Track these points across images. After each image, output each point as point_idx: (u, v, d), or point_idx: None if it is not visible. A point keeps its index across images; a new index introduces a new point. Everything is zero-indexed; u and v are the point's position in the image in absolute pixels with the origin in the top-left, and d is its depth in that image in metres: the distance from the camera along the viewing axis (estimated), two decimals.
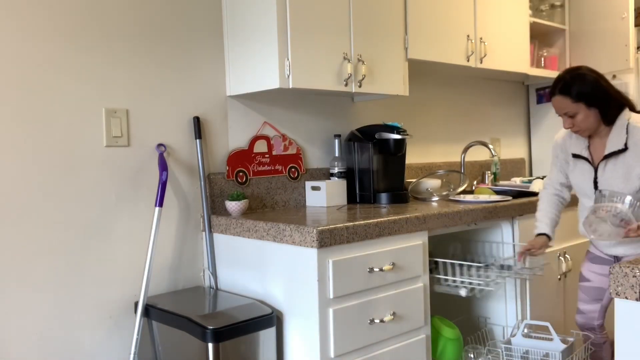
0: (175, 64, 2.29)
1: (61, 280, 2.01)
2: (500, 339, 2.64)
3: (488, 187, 3.02)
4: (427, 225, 2.20)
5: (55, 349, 2.01)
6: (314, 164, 2.74)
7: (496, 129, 3.73)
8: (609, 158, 2.10)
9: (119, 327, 2.14)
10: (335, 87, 2.36)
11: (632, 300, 1.08)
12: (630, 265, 1.08)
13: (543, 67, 3.57)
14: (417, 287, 2.16)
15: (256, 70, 2.28)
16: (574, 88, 2.05)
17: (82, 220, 2.06)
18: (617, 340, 1.12)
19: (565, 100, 2.07)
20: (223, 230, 2.26)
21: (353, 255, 1.96)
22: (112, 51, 2.13)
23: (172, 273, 2.28)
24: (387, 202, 2.60)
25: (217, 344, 1.82)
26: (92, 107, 2.09)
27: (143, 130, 2.21)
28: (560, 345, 2.26)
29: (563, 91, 2.07)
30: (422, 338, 2.18)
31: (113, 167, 2.13)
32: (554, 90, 2.10)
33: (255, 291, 2.14)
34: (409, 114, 3.19)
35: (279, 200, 2.57)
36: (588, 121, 2.07)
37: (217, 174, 2.38)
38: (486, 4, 3.01)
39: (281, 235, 1.99)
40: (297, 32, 2.22)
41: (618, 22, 3.38)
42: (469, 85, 3.54)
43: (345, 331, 1.93)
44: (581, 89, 2.04)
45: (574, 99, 2.05)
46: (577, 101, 2.05)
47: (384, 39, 2.53)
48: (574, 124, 2.10)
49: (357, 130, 2.69)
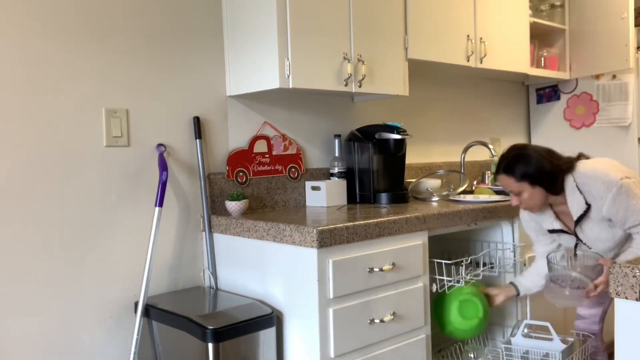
0: (176, 64, 2.29)
1: (61, 280, 2.01)
2: (500, 339, 2.64)
3: (488, 187, 3.02)
4: (427, 225, 2.20)
5: (55, 349, 2.01)
6: (314, 164, 2.74)
7: (496, 129, 3.73)
8: (580, 222, 2.10)
9: (119, 327, 2.14)
10: (335, 87, 2.36)
11: (632, 300, 1.08)
12: (630, 265, 1.08)
13: (543, 67, 3.57)
14: (417, 287, 2.16)
15: (256, 70, 2.28)
16: (517, 168, 2.05)
17: (82, 220, 2.06)
18: (617, 340, 1.12)
19: (509, 179, 2.08)
20: (223, 230, 2.26)
21: (353, 255, 1.96)
22: (112, 51, 2.13)
23: (172, 273, 2.28)
24: (387, 202, 2.60)
25: (217, 344, 1.82)
26: (92, 107, 2.09)
27: (143, 130, 2.21)
28: (560, 346, 2.26)
29: (506, 171, 2.08)
30: (422, 338, 2.18)
31: (113, 167, 2.13)
32: (499, 169, 2.11)
33: (255, 291, 2.14)
34: (409, 114, 3.19)
35: (279, 200, 2.57)
36: (535, 199, 2.08)
37: (217, 174, 2.38)
38: (486, 4, 3.01)
39: (281, 235, 1.99)
40: (297, 32, 2.22)
41: (618, 22, 3.38)
42: (469, 85, 3.54)
43: (345, 331, 1.93)
44: (524, 169, 2.04)
45: (517, 178, 2.05)
46: (520, 181, 2.05)
47: (384, 39, 2.53)
48: (520, 201, 2.10)
49: (357, 130, 2.69)
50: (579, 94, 3.64)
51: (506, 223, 2.62)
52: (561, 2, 3.59)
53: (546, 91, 3.82)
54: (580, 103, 3.64)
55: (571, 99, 3.69)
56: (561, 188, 2.08)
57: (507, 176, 2.07)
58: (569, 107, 3.70)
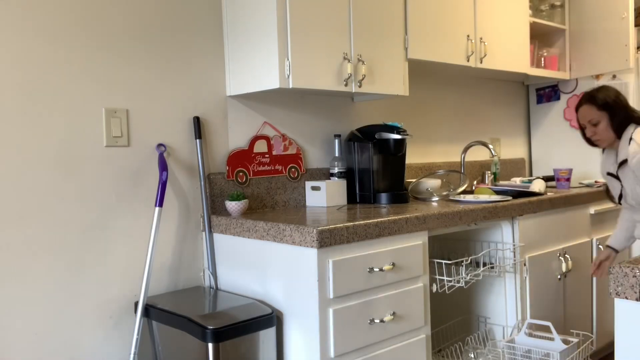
0: (176, 64, 2.29)
1: (61, 280, 2.02)
2: (500, 339, 2.64)
3: (488, 187, 3.02)
4: (427, 225, 2.20)
5: (55, 349, 2.01)
6: (314, 164, 2.74)
7: (496, 129, 3.73)
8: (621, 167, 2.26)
9: (119, 327, 2.14)
10: (335, 87, 2.36)
11: (632, 300, 1.08)
12: (630, 265, 1.08)
13: (543, 67, 3.57)
14: (417, 287, 2.16)
15: (256, 70, 2.28)
16: (599, 97, 2.26)
17: (82, 220, 2.06)
18: (617, 340, 1.12)
19: (590, 108, 2.27)
20: (223, 230, 2.26)
21: (353, 255, 1.96)
22: (112, 51, 2.13)
23: (172, 273, 2.28)
24: (387, 202, 2.60)
25: (217, 344, 1.82)
26: (92, 107, 2.09)
27: (143, 130, 2.21)
28: (560, 346, 2.26)
29: (589, 99, 2.27)
30: (422, 338, 2.18)
31: (113, 167, 2.13)
32: (581, 101, 2.31)
33: (255, 291, 2.14)
34: (409, 114, 3.19)
35: (279, 200, 2.57)
36: (609, 131, 2.26)
37: (217, 174, 2.38)
38: (486, 4, 3.01)
39: (281, 235, 1.99)
40: (297, 32, 2.22)
41: (618, 22, 3.38)
42: (469, 85, 3.54)
43: (345, 331, 1.93)
44: (606, 98, 2.25)
45: (599, 107, 2.25)
46: (601, 110, 2.25)
47: (384, 39, 2.53)
48: (595, 132, 2.28)
49: (357, 130, 2.69)
50: (579, 94, 3.64)
51: (506, 223, 2.62)
52: (561, 2, 3.59)
53: (546, 91, 3.82)
54: None
55: (571, 99, 3.69)
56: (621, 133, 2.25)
57: (589, 105, 2.27)
58: (569, 107, 3.70)
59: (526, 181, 3.39)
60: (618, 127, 2.26)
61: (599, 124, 2.26)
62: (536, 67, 3.49)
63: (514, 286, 2.62)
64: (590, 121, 2.28)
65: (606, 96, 2.27)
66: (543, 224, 2.74)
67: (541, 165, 3.90)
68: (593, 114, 2.27)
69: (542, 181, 3.06)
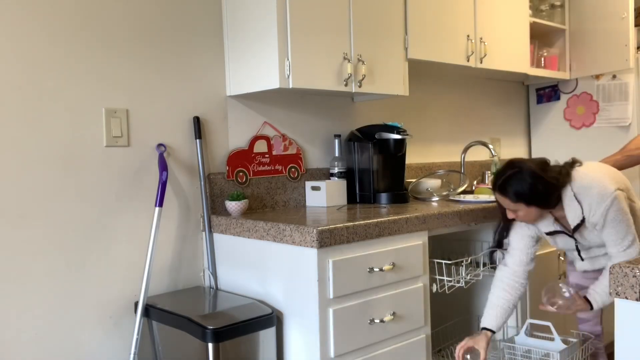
0: (176, 64, 2.29)
1: (61, 280, 2.01)
2: (500, 338, 2.63)
3: (488, 187, 3.02)
4: (427, 225, 2.20)
5: (55, 349, 2.01)
6: (314, 164, 2.74)
7: (496, 129, 3.73)
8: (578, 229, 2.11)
9: (119, 327, 2.14)
10: (335, 87, 2.36)
11: (632, 300, 1.08)
12: (630, 265, 1.08)
13: (543, 67, 3.57)
14: (417, 287, 2.16)
15: (256, 70, 2.28)
16: (511, 190, 2.02)
17: (82, 220, 2.06)
18: (617, 340, 1.12)
19: (504, 199, 2.05)
20: (223, 230, 2.26)
21: (353, 255, 1.96)
22: (112, 51, 2.13)
23: (172, 273, 2.28)
24: (387, 202, 2.60)
25: (217, 344, 1.82)
26: (92, 107, 2.09)
27: (143, 130, 2.21)
28: (560, 346, 2.26)
29: (502, 191, 2.05)
30: (422, 338, 2.18)
31: (113, 167, 2.13)
32: (495, 186, 2.08)
33: (255, 291, 2.14)
34: (409, 114, 3.19)
35: (279, 200, 2.57)
36: (531, 215, 2.07)
37: (217, 174, 2.38)
38: (486, 4, 3.01)
39: (281, 235, 1.99)
40: (297, 32, 2.22)
41: (618, 22, 3.37)
42: (469, 85, 3.54)
43: (345, 331, 1.93)
44: (518, 189, 2.01)
45: (512, 199, 2.03)
46: (516, 201, 2.03)
47: (384, 39, 2.53)
48: (517, 216, 2.09)
49: (357, 130, 2.69)
50: (579, 94, 3.64)
51: None
52: (561, 2, 3.59)
53: (546, 91, 3.82)
54: (580, 103, 3.64)
55: (571, 99, 3.69)
56: (558, 200, 2.06)
57: (502, 196, 2.06)
58: (569, 107, 3.70)
59: None
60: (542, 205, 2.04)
61: (518, 211, 2.06)
62: (536, 67, 3.49)
63: None
64: (508, 208, 2.09)
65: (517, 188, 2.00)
66: None
67: None
68: (508, 204, 2.06)
69: None
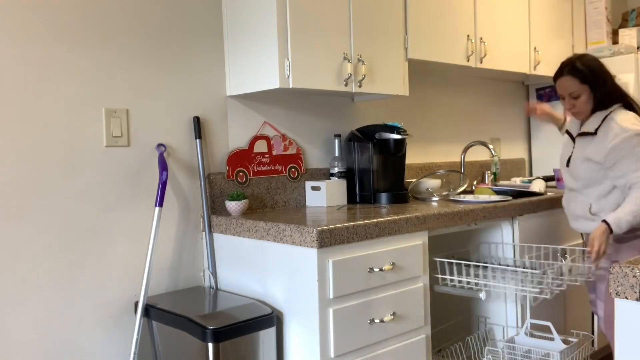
0: (176, 64, 2.29)
1: (61, 280, 2.02)
2: (500, 338, 2.64)
3: (488, 187, 3.02)
4: (427, 225, 2.20)
5: (55, 349, 2.01)
6: (314, 164, 2.74)
7: (496, 129, 3.73)
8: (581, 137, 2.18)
9: (119, 327, 2.14)
10: (335, 87, 2.36)
11: (632, 300, 1.08)
12: (630, 265, 1.08)
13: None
14: (417, 287, 2.16)
15: (256, 70, 2.28)
16: (582, 69, 2.12)
17: (82, 220, 2.06)
18: (617, 340, 1.12)
19: (573, 80, 2.13)
20: (223, 230, 2.26)
21: (353, 255, 1.96)
22: (112, 51, 2.13)
23: (172, 273, 2.28)
24: (387, 202, 2.60)
25: (217, 344, 1.82)
26: (92, 107, 2.09)
27: (143, 130, 2.21)
28: (560, 346, 2.26)
29: (572, 72, 2.13)
30: (422, 338, 2.18)
31: (113, 167, 2.13)
32: (562, 71, 2.17)
33: (255, 291, 2.14)
34: (409, 114, 3.19)
35: (279, 200, 2.57)
36: (589, 104, 2.14)
37: (217, 174, 2.38)
38: (486, 4, 3.01)
39: (281, 235, 1.99)
40: (297, 32, 2.22)
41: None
42: (469, 85, 3.54)
43: (345, 331, 1.93)
44: (589, 70, 2.12)
45: (581, 80, 2.12)
46: (583, 83, 2.12)
47: (384, 39, 2.53)
48: (575, 104, 2.16)
49: (357, 130, 2.69)
50: None
51: (506, 223, 2.62)
52: None
53: (546, 91, 3.82)
54: None
55: None
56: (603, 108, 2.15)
57: (571, 77, 2.14)
58: None
59: (526, 181, 3.38)
60: (599, 103, 2.14)
61: (580, 97, 2.13)
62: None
63: None
64: (571, 94, 2.15)
65: (589, 68, 2.13)
66: (543, 224, 2.74)
67: (541, 165, 3.90)
68: (574, 86, 2.13)
69: (542, 181, 3.06)
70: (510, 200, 2.61)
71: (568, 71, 2.15)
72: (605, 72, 2.16)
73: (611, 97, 2.15)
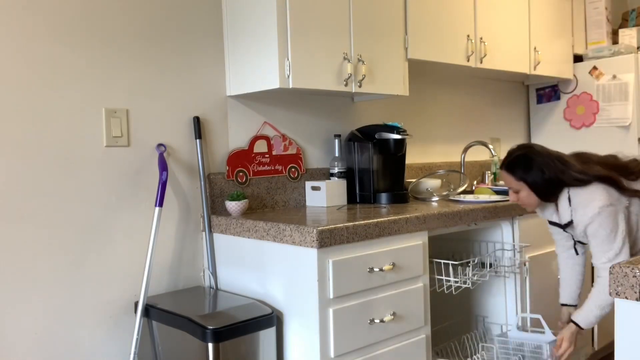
0: (175, 64, 2.29)
1: (61, 280, 2.01)
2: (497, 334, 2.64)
3: (488, 187, 3.02)
4: (427, 225, 2.20)
5: (55, 349, 2.01)
6: (314, 164, 2.74)
7: (496, 129, 3.73)
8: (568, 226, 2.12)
9: (119, 327, 2.14)
10: (335, 87, 2.36)
11: (632, 300, 1.08)
12: (630, 265, 1.08)
13: None
14: (417, 287, 2.16)
15: (256, 70, 2.28)
16: (518, 169, 2.04)
17: (82, 220, 2.06)
18: (617, 340, 1.12)
19: (509, 177, 2.07)
20: (223, 230, 2.26)
21: (353, 255, 1.96)
22: (112, 51, 2.13)
23: (172, 273, 2.28)
24: (387, 202, 2.60)
25: (217, 344, 1.82)
26: (92, 107, 2.09)
27: (143, 130, 2.21)
28: (550, 337, 2.29)
29: (508, 168, 2.07)
30: (422, 338, 2.18)
31: (113, 167, 2.13)
32: (503, 163, 2.10)
33: (255, 291, 2.14)
34: (409, 114, 3.19)
35: (279, 200, 2.57)
36: (531, 199, 2.07)
37: (217, 174, 2.38)
38: (486, 4, 3.01)
39: (281, 235, 1.99)
40: (297, 32, 2.22)
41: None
42: (469, 85, 3.54)
43: (345, 331, 1.93)
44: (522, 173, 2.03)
45: (516, 178, 2.05)
46: (519, 181, 2.04)
47: (384, 39, 2.53)
48: (518, 199, 2.10)
49: (357, 130, 2.69)
50: (579, 94, 3.64)
51: (506, 223, 2.62)
52: None
53: (546, 91, 3.82)
54: (580, 103, 3.64)
55: (571, 99, 3.69)
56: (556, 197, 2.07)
57: (508, 174, 2.08)
58: (569, 107, 3.70)
59: None
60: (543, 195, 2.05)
61: (520, 192, 2.07)
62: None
63: (514, 286, 2.62)
64: (511, 189, 2.10)
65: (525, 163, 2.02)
66: (543, 224, 2.74)
67: None
68: (512, 182, 2.07)
69: None
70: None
71: (505, 167, 2.08)
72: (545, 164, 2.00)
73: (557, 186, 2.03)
